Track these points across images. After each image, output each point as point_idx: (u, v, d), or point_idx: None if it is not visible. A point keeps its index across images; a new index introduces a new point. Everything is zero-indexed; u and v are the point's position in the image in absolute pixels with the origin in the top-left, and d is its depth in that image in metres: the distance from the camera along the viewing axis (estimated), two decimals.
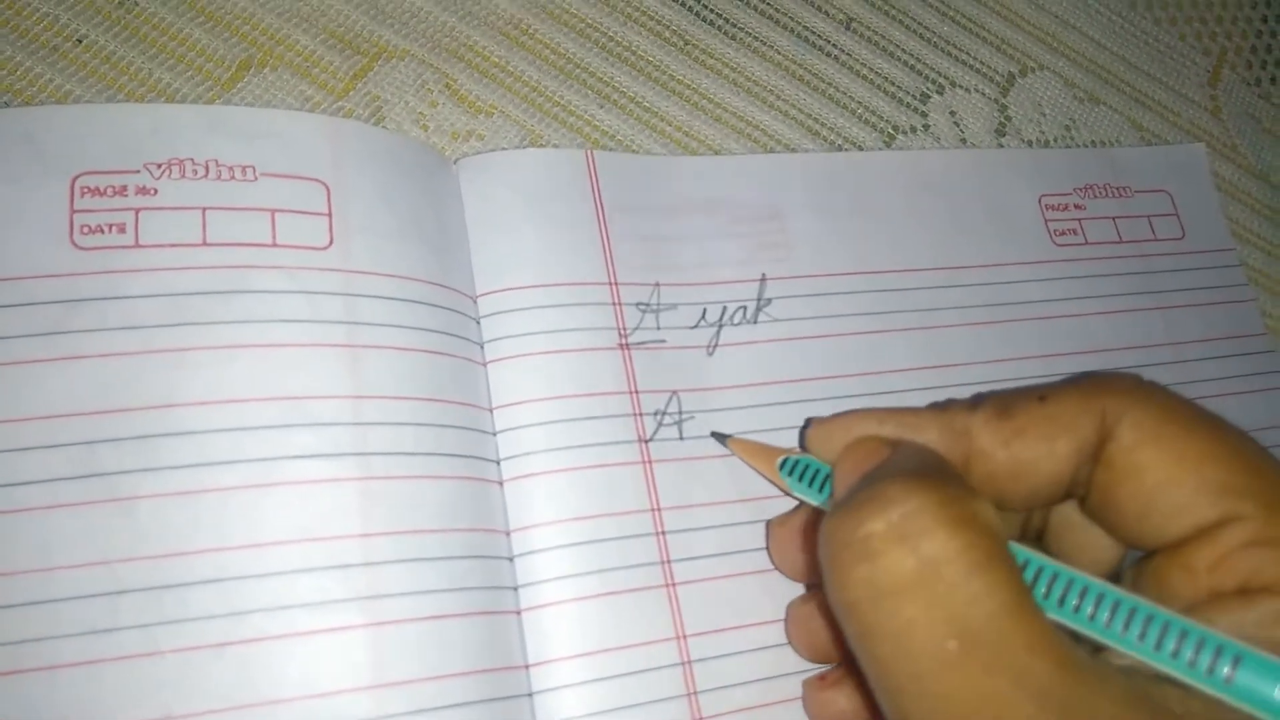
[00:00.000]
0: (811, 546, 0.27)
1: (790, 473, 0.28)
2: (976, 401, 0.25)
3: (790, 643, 0.28)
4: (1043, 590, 0.21)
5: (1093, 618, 0.21)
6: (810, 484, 0.27)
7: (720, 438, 0.30)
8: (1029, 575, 0.22)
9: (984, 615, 0.19)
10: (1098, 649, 0.21)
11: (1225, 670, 0.19)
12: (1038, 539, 0.27)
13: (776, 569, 0.29)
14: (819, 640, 0.27)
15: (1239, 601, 0.20)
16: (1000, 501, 0.24)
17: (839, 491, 0.24)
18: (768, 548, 0.29)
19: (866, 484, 0.22)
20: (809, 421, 0.28)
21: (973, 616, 0.19)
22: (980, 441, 0.24)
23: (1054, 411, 0.24)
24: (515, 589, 0.27)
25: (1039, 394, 0.24)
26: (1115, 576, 0.24)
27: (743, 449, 0.30)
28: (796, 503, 0.29)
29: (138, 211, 0.27)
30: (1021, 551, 0.22)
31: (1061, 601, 0.21)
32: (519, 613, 0.27)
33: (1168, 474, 0.22)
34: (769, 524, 0.29)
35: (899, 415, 0.26)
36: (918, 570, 0.20)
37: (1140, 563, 0.23)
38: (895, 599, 0.20)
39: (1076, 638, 0.21)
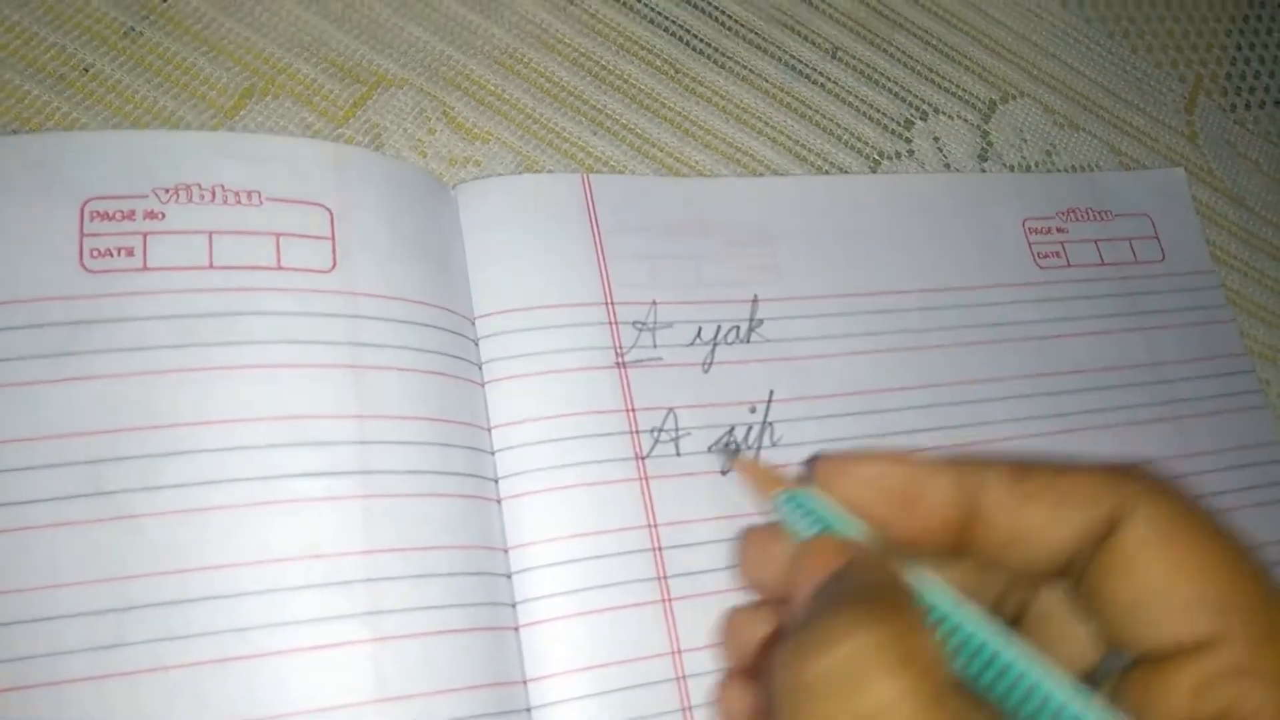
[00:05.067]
0: (781, 567, 0.26)
1: (788, 502, 0.26)
2: (992, 459, 0.25)
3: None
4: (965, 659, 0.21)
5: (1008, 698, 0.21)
6: (806, 516, 0.26)
7: (731, 453, 0.30)
8: (966, 651, 0.22)
9: None
10: None
11: None
12: (1014, 622, 0.26)
13: (742, 582, 0.26)
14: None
15: None
16: (996, 563, 0.24)
17: (795, 603, 0.24)
18: (738, 559, 0.26)
19: (815, 611, 0.22)
20: (817, 457, 0.27)
21: None
22: (990, 498, 0.24)
23: (1069, 485, 0.24)
24: (513, 605, 0.28)
25: (1058, 466, 0.24)
26: (1092, 677, 0.24)
27: (747, 470, 0.28)
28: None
29: (146, 235, 0.27)
30: (951, 613, 0.22)
31: (981, 673, 0.21)
32: (517, 628, 0.27)
33: (1164, 580, 0.22)
34: (745, 531, 0.26)
35: (910, 463, 0.25)
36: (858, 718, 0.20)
37: (1125, 673, 0.23)
38: None
39: None
